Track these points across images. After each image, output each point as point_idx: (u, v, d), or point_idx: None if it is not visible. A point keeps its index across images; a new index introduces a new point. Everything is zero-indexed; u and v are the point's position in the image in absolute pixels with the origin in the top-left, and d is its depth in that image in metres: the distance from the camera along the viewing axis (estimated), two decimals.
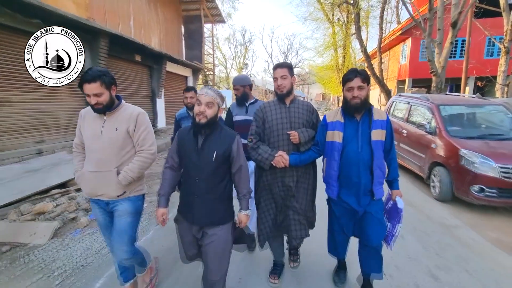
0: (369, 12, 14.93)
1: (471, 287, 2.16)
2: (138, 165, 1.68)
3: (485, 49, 14.92)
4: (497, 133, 3.99)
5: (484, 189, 3.41)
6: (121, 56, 7.18)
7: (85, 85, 1.56)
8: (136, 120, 1.69)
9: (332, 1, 13.16)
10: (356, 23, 11.95)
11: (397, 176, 1.92)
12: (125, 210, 1.73)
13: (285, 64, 1.96)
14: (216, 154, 1.54)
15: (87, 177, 1.68)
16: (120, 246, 1.72)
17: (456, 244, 2.80)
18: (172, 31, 10.78)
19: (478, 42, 13.55)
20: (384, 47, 16.87)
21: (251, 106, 2.54)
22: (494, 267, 2.41)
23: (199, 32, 12.16)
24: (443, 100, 4.66)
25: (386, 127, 1.78)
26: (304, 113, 1.97)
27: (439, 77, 7.95)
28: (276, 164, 1.86)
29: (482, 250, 2.71)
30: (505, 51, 8.56)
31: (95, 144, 1.65)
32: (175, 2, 10.87)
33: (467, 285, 2.17)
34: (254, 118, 2.03)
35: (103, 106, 1.60)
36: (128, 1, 7.95)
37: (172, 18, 10.70)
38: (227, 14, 20.82)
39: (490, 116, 4.43)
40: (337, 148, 1.79)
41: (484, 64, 13.63)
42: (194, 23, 12.09)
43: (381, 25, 12.04)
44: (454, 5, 7.26)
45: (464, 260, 2.51)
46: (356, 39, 13.22)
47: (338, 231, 1.97)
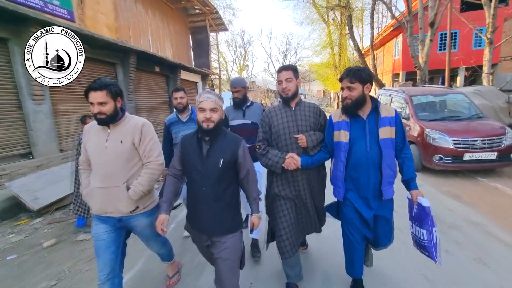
0: (363, 10, 15.94)
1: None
2: (147, 177, 1.64)
3: (473, 40, 15.81)
4: (454, 115, 5.07)
5: (442, 158, 4.47)
6: (145, 69, 8.36)
7: (91, 92, 1.53)
8: (141, 131, 1.64)
9: (326, 5, 14.19)
10: (348, 24, 12.98)
11: (414, 175, 1.76)
12: (144, 226, 1.74)
13: (290, 66, 1.92)
14: (223, 161, 1.50)
15: (95, 193, 1.62)
16: (156, 248, 1.99)
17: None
18: (182, 42, 11.96)
19: (466, 33, 14.37)
20: (378, 43, 17.87)
21: (248, 109, 2.52)
22: (441, 208, 3.46)
23: (205, 41, 13.31)
24: (415, 92, 5.73)
25: (395, 123, 1.68)
26: (310, 115, 1.92)
27: (423, 70, 8.98)
28: (288, 166, 1.81)
29: (434, 197, 3.79)
30: (488, 42, 9.47)
31: (100, 158, 1.60)
32: (183, 16, 12.04)
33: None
34: (260, 124, 2.01)
35: (106, 116, 1.56)
36: (146, 20, 9.14)
37: (181, 30, 11.88)
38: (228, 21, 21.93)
39: (451, 103, 5.50)
40: (343, 148, 1.71)
41: (472, 54, 14.54)
42: (200, 33, 13.25)
43: (372, 24, 13.03)
44: (430, 7, 8.28)
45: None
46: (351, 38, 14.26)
47: (353, 237, 1.80)
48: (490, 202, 3.56)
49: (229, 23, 22.95)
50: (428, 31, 8.66)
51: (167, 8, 10.52)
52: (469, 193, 3.88)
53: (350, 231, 1.81)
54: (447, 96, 5.56)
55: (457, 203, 3.58)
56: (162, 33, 10.19)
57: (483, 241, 2.67)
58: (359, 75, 1.63)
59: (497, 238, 2.70)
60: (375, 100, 1.72)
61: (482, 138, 4.27)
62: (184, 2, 10.90)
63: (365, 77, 1.64)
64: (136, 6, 8.59)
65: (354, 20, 15.72)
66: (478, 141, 4.27)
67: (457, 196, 3.83)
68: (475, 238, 2.73)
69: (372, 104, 1.71)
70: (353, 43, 13.31)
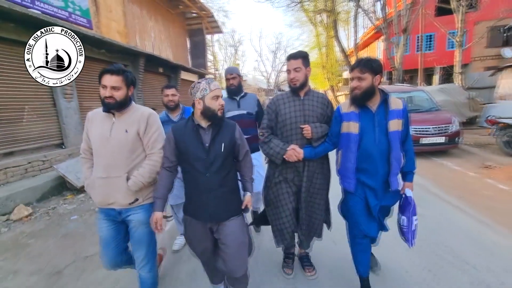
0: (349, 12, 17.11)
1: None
2: (148, 169, 1.60)
3: (447, 42, 17.25)
4: (415, 108, 6.22)
5: None
6: (151, 70, 9.21)
7: (107, 75, 1.50)
8: (147, 120, 1.61)
9: (313, 10, 15.30)
10: (334, 27, 14.12)
11: (413, 168, 1.79)
12: (139, 221, 1.64)
13: (299, 54, 1.83)
14: (224, 145, 1.53)
15: (97, 184, 1.59)
16: (139, 258, 1.68)
17: None
18: (181, 44, 12.81)
19: (442, 36, 15.72)
20: (362, 44, 19.16)
21: (242, 99, 2.50)
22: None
23: (201, 43, 14.18)
24: (387, 89, 6.85)
25: (403, 116, 1.68)
26: (318, 105, 1.87)
27: (398, 70, 10.19)
28: (289, 158, 1.80)
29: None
30: (459, 45, 10.79)
31: (103, 147, 1.56)
32: (181, 20, 12.88)
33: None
34: (266, 111, 1.97)
35: (115, 101, 1.52)
36: (150, 25, 9.97)
37: (180, 33, 12.72)
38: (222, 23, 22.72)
39: (415, 98, 6.68)
40: (354, 140, 1.70)
41: (447, 55, 15.95)
42: (197, 36, 14.10)
43: (355, 28, 14.27)
44: (403, 16, 9.48)
45: None
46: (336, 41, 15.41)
47: (359, 232, 1.79)
48: (435, 172, 4.70)
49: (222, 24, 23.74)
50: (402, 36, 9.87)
51: (167, 13, 11.36)
52: (422, 168, 5.00)
53: (356, 224, 1.80)
54: (412, 93, 6.73)
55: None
56: (164, 36, 11.03)
57: (423, 196, 3.74)
58: (370, 65, 1.61)
59: (433, 193, 3.81)
60: (384, 93, 1.71)
61: (434, 126, 5.42)
62: (182, 7, 11.75)
63: (375, 67, 1.62)
64: (142, 13, 9.42)
65: (341, 22, 16.93)
66: (431, 128, 5.42)
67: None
68: (418, 194, 3.81)
69: (382, 97, 1.70)
70: (338, 45, 14.47)
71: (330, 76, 19.02)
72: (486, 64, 16.09)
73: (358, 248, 1.84)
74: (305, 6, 16.47)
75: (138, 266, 1.72)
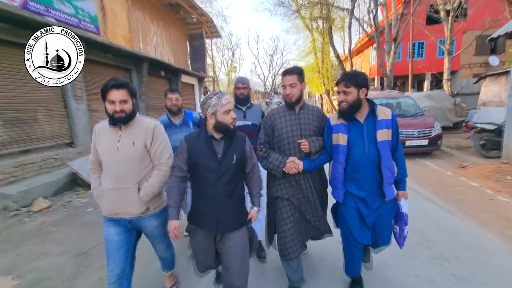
0: (344, 17, 17.66)
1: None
2: (158, 179, 1.65)
3: (437, 50, 17.97)
4: (402, 113, 6.73)
5: None
6: (153, 74, 9.59)
7: (113, 91, 1.52)
8: (153, 133, 1.65)
9: (309, 17, 15.85)
10: (329, 34, 14.66)
11: (404, 176, 1.84)
12: (153, 227, 1.76)
13: (294, 70, 1.88)
14: (236, 158, 1.56)
15: (107, 194, 1.63)
16: (160, 248, 1.93)
17: None
18: (181, 48, 13.23)
19: (432, 44, 16.39)
20: (356, 50, 19.80)
21: (248, 110, 2.51)
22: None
23: (201, 47, 14.61)
24: (376, 95, 7.36)
25: (392, 126, 1.72)
26: (314, 119, 1.91)
27: (389, 77, 10.73)
28: (288, 171, 1.83)
29: None
30: (447, 53, 11.40)
31: (112, 160, 1.60)
32: (182, 25, 13.30)
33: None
34: (262, 126, 1.99)
35: (125, 114, 1.55)
36: (152, 30, 10.37)
37: (180, 38, 13.14)
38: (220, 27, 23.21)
39: (401, 104, 7.19)
40: (342, 151, 1.75)
41: (437, 62, 16.63)
42: (196, 40, 14.53)
43: (350, 35, 14.82)
44: (394, 26, 10.04)
45: None
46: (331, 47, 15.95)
47: (352, 238, 1.84)
48: (418, 172, 5.18)
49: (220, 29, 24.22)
50: (392, 45, 10.43)
51: (168, 18, 11.77)
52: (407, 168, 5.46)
53: (349, 232, 1.84)
54: (399, 99, 7.25)
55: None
56: (165, 41, 11.44)
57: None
58: (354, 79, 1.66)
59: (413, 189, 4.26)
60: (372, 103, 1.75)
61: (418, 130, 5.91)
62: (183, 12, 12.17)
63: (360, 81, 1.66)
64: (145, 17, 9.82)
65: (336, 28, 17.52)
66: (415, 132, 5.91)
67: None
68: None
69: (369, 107, 1.74)
70: (333, 51, 15.01)
71: (325, 81, 19.53)
72: (474, 72, 16.85)
73: (349, 249, 1.91)
74: (301, 14, 17.03)
75: (160, 253, 1.97)
